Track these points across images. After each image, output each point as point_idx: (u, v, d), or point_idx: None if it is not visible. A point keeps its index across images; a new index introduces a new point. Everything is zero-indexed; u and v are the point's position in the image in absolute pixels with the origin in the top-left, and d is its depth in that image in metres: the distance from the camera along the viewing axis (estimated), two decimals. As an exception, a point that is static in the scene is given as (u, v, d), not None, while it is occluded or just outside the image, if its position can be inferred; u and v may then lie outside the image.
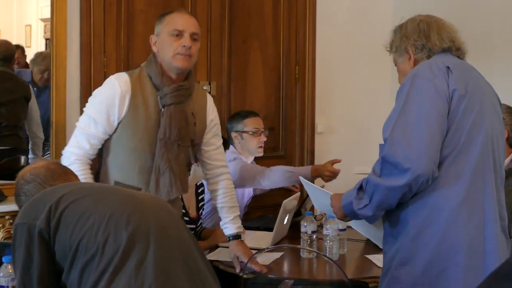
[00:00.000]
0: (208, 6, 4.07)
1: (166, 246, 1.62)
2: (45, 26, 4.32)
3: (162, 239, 1.62)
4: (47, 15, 4.08)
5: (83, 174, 2.51)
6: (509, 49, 4.33)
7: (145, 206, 1.71)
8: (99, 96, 2.62)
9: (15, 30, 4.51)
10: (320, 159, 4.54)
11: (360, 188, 2.15)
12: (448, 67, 2.10)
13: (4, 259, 1.97)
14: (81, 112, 3.57)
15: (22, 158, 4.12)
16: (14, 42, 4.17)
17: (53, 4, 3.56)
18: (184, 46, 2.59)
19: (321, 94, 4.58)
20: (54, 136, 3.58)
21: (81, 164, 2.56)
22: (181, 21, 2.65)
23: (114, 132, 2.59)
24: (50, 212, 1.62)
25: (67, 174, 1.95)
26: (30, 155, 3.91)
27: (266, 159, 4.07)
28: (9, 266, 1.96)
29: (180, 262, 1.64)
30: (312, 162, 4.56)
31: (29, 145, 4.01)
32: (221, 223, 2.88)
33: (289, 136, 4.52)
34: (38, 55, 4.02)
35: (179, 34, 2.62)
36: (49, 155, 3.77)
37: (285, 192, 3.99)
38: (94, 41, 3.65)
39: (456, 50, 2.27)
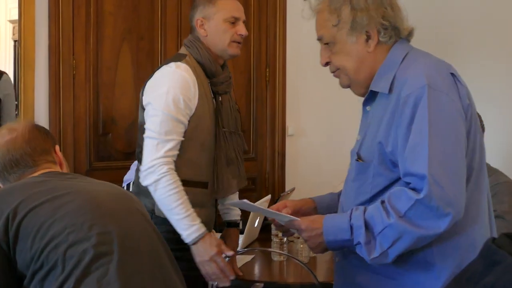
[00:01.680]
0: (178, 7, 4.05)
1: (130, 256, 1.59)
2: (13, 28, 4.27)
3: (126, 249, 1.59)
4: (16, 16, 4.03)
5: (177, 187, 2.36)
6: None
7: (106, 213, 1.67)
8: (171, 91, 2.42)
9: None
10: (291, 161, 4.55)
11: (366, 228, 1.73)
12: (452, 74, 1.79)
13: None
14: (50, 114, 3.59)
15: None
16: None
17: (21, 6, 3.52)
18: (240, 34, 2.54)
19: (292, 97, 4.59)
20: (22, 139, 3.53)
21: (173, 175, 2.38)
22: (236, 6, 2.59)
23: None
24: (8, 220, 1.58)
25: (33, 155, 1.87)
26: None
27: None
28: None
29: (146, 272, 1.60)
30: (283, 164, 4.57)
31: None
32: (220, 207, 2.76)
33: (259, 139, 4.52)
34: None
35: (234, 22, 2.55)
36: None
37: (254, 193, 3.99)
38: (62, 44, 3.61)
39: (411, 35, 1.93)
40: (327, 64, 1.92)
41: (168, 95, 2.41)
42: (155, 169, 2.36)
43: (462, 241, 1.76)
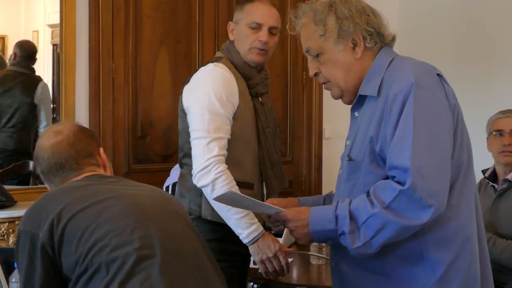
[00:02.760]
0: (215, 11, 4.07)
1: (172, 258, 1.59)
2: (52, 32, 4.34)
3: (168, 251, 1.59)
4: (55, 21, 4.08)
5: (234, 185, 2.35)
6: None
7: (148, 215, 1.68)
8: (213, 90, 2.41)
9: (22, 36, 4.53)
10: (328, 164, 4.54)
11: (351, 218, 1.75)
12: (438, 75, 1.84)
13: (16, 264, 1.97)
14: (91, 117, 3.64)
15: (30, 163, 4.14)
16: None
17: (62, 10, 3.59)
18: (260, 40, 2.52)
19: (329, 100, 4.52)
20: (63, 142, 3.58)
21: (228, 173, 2.36)
22: (261, 13, 2.55)
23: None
24: (53, 225, 1.60)
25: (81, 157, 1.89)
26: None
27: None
28: (21, 272, 1.97)
29: (189, 274, 1.62)
30: (320, 167, 4.56)
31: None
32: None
33: (296, 142, 4.52)
34: None
35: (257, 28, 2.53)
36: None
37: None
38: (102, 47, 3.67)
39: (394, 41, 1.97)
40: (316, 75, 1.95)
41: (210, 93, 2.41)
42: (211, 169, 2.33)
43: (457, 234, 1.80)
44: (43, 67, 4.31)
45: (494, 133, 3.06)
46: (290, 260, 2.91)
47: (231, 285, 2.35)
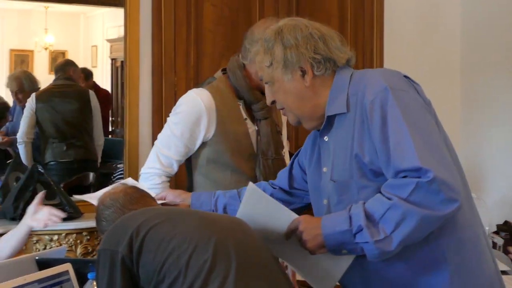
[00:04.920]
0: (276, 13, 4.09)
1: (247, 267, 1.62)
2: (111, 46, 4.46)
3: (243, 260, 1.62)
4: (113, 35, 4.20)
5: (162, 188, 2.48)
6: None
7: (223, 228, 1.72)
8: (182, 114, 2.53)
9: (81, 51, 4.68)
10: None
11: (367, 215, 1.66)
12: (405, 76, 1.80)
13: (89, 275, 2.02)
14: (154, 130, 3.70)
15: (91, 175, 4.25)
16: (80, 63, 4.34)
17: (126, 26, 3.68)
18: None
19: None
20: (127, 154, 3.68)
21: (159, 177, 2.52)
22: None
23: (202, 149, 2.53)
24: (132, 238, 1.65)
25: (144, 197, 1.99)
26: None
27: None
28: (94, 283, 2.02)
29: (263, 282, 1.63)
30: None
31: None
32: None
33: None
34: (9, 77, 4.14)
35: None
36: (121, 173, 3.87)
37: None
38: (165, 61, 3.73)
39: (350, 62, 1.90)
40: (273, 102, 1.92)
41: (177, 116, 2.53)
42: (149, 177, 2.51)
43: (468, 233, 1.75)
44: (102, 81, 4.43)
45: None
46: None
47: None
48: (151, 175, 2.52)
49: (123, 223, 1.73)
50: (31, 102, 3.96)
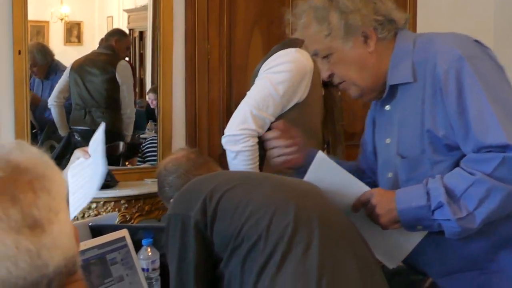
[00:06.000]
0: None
1: (330, 232, 1.57)
2: (128, 16, 4.40)
3: (325, 225, 1.57)
4: (129, 5, 4.13)
5: (255, 160, 2.39)
6: None
7: (300, 191, 1.67)
8: (288, 73, 2.41)
9: (97, 22, 4.63)
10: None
11: (446, 190, 1.57)
12: (476, 40, 1.68)
13: (143, 241, 2.00)
14: (187, 98, 3.67)
15: (121, 145, 4.22)
16: (96, 34, 4.29)
17: (160, -6, 3.62)
18: None
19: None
20: (161, 122, 3.64)
21: (253, 139, 2.38)
22: None
23: (289, 112, 2.45)
24: (206, 203, 1.61)
25: (207, 162, 1.96)
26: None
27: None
28: (149, 249, 2.00)
29: (347, 249, 1.58)
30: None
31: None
32: None
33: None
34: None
35: None
36: (152, 141, 3.85)
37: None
38: (198, 29, 3.68)
39: (407, 23, 1.80)
40: (330, 76, 1.79)
41: (282, 74, 2.40)
42: (240, 140, 2.36)
43: None
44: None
45: None
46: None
47: None
48: (245, 136, 2.37)
49: (194, 187, 1.70)
50: (67, 68, 3.95)
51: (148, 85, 4.37)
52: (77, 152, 2.22)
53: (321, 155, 1.80)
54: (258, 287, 1.48)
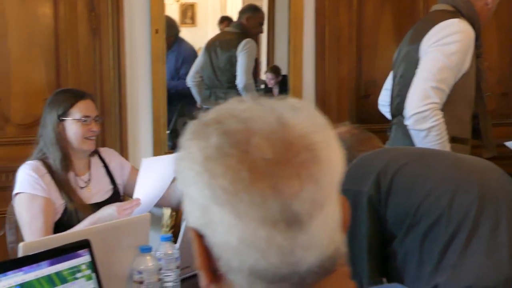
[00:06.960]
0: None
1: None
2: (243, -3, 4.43)
3: (509, 202, 1.51)
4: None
5: (445, 133, 2.38)
6: None
7: (479, 169, 1.61)
8: (458, 44, 2.43)
9: (210, 2, 4.67)
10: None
11: None
12: None
13: None
14: (317, 76, 3.64)
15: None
16: (209, 14, 4.32)
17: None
18: None
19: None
20: (290, 99, 3.62)
21: (440, 112, 2.39)
22: None
23: (459, 80, 2.46)
24: (379, 178, 1.57)
25: (371, 139, 1.91)
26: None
27: (497, 126, 3.83)
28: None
29: None
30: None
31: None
32: None
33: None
34: None
35: None
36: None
37: None
38: (328, 5, 3.63)
39: None
40: None
41: (454, 45, 2.40)
42: (428, 115, 2.33)
43: None
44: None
45: None
46: None
47: None
48: (433, 110, 2.37)
49: (365, 162, 1.66)
50: (202, 49, 4.02)
51: (264, 65, 4.37)
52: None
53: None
54: (443, 264, 1.43)
